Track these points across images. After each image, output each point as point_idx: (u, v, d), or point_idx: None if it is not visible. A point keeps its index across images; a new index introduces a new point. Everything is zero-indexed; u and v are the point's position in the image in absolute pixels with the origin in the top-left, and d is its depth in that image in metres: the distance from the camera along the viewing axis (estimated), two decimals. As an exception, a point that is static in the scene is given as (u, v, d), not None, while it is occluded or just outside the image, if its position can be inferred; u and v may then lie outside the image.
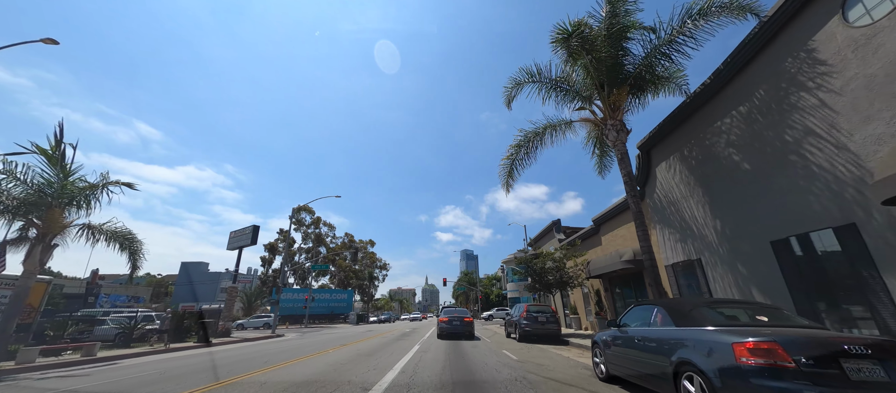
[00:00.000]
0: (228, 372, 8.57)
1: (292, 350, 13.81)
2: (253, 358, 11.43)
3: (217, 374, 8.38)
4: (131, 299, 50.69)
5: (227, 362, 10.49)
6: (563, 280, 17.57)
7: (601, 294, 17.74)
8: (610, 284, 16.91)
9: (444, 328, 18.31)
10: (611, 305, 16.78)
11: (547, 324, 15.16)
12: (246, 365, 9.71)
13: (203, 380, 7.59)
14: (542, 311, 15.56)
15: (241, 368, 9.26)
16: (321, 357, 11.07)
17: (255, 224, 28.38)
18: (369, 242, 74.08)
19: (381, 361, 9.88)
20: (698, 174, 10.62)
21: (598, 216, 17.25)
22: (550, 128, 12.90)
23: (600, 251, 17.57)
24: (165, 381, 7.63)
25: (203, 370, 9.16)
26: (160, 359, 12.32)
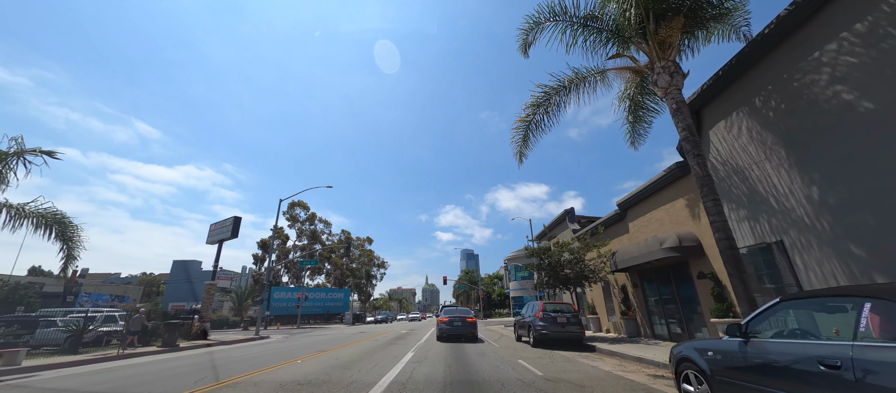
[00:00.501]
0: (147, 391, 6.06)
1: (260, 357, 11.28)
2: (201, 369, 8.91)
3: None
4: (116, 299, 48.23)
5: (161, 376, 7.96)
6: (583, 274, 15.00)
7: (628, 290, 15.15)
8: (639, 278, 14.32)
9: (444, 329, 15.93)
10: (641, 304, 14.18)
11: (568, 326, 12.59)
12: (179, 381, 7.19)
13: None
14: (562, 310, 12.99)
15: (170, 385, 6.74)
16: (286, 369, 8.52)
17: (236, 215, 25.88)
18: (367, 239, 71.52)
19: (359, 377, 7.33)
20: (780, 130, 8.04)
21: (626, 199, 14.66)
22: (578, 80, 10.27)
23: (627, 240, 14.98)
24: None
25: (117, 387, 6.63)
26: (93, 370, 9.79)
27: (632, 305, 14.85)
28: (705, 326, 10.71)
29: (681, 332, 11.99)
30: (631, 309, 14.77)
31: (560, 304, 13.42)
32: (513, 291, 62.45)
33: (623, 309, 15.15)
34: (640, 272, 14.27)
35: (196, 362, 10.54)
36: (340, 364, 9.17)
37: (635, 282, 14.58)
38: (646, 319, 13.93)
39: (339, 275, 63.32)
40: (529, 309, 14.51)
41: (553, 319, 12.68)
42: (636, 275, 14.47)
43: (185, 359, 11.65)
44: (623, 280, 15.51)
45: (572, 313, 12.90)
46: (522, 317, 15.22)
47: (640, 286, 14.26)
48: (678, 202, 11.82)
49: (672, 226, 12.03)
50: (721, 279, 10.05)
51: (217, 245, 26.00)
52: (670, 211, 12.18)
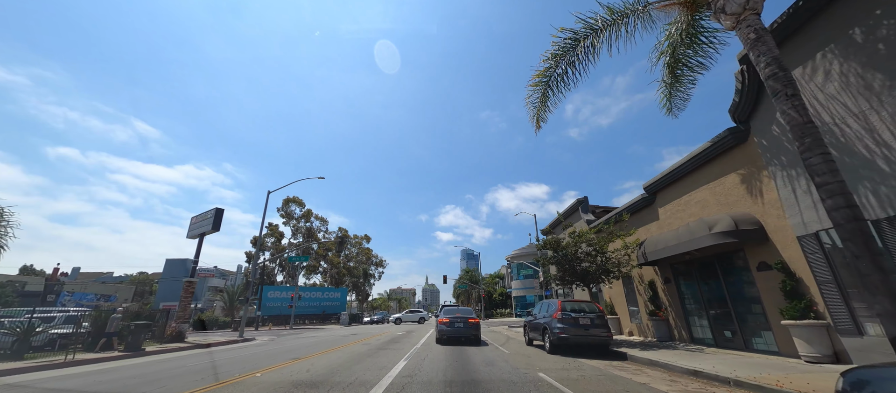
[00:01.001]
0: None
1: (220, 366, 9.23)
2: (127, 383, 6.82)
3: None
4: (102, 298, 46.21)
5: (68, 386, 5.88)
6: (605, 268, 12.90)
7: (658, 287, 13.05)
8: (673, 272, 12.21)
9: (444, 331, 14.13)
10: (676, 302, 12.07)
11: (592, 329, 10.50)
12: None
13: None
14: (585, 310, 10.90)
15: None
16: (235, 386, 6.44)
17: (217, 207, 23.79)
18: (365, 237, 69.43)
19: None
20: (892, 70, 5.96)
21: (656, 180, 12.55)
22: (616, 19, 8.09)
23: (656, 228, 12.89)
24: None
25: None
26: (22, 380, 7.70)
27: (662, 304, 12.75)
28: (770, 329, 8.61)
29: (731, 336, 9.88)
30: (661, 308, 12.67)
31: (582, 302, 11.32)
32: (515, 290, 60.37)
33: (651, 308, 13.05)
34: (674, 265, 12.16)
35: (133, 374, 8.47)
36: (309, 380, 7.08)
37: (667, 277, 12.47)
38: (681, 320, 11.82)
39: (336, 274, 61.22)
40: (544, 308, 12.43)
41: (574, 320, 10.58)
42: (668, 268, 12.36)
43: (129, 369, 9.58)
44: (651, 275, 13.40)
45: (597, 314, 10.80)
46: (534, 318, 13.14)
47: (674, 282, 12.15)
48: (728, 178, 9.71)
49: (720, 207, 9.92)
50: (793, 270, 7.94)
51: (198, 239, 23.92)
52: (717, 190, 10.07)
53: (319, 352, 12.21)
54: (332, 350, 12.80)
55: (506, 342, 14.90)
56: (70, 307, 37.08)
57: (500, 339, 16.71)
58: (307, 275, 62.09)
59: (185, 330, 21.04)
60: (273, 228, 57.82)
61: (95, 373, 8.89)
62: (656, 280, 13.10)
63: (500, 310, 68.47)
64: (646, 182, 13.20)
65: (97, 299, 45.53)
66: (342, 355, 11.11)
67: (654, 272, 13.25)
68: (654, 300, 13.01)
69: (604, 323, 10.67)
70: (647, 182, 13.14)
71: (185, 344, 18.22)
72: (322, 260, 60.83)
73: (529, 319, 13.78)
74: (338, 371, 8.06)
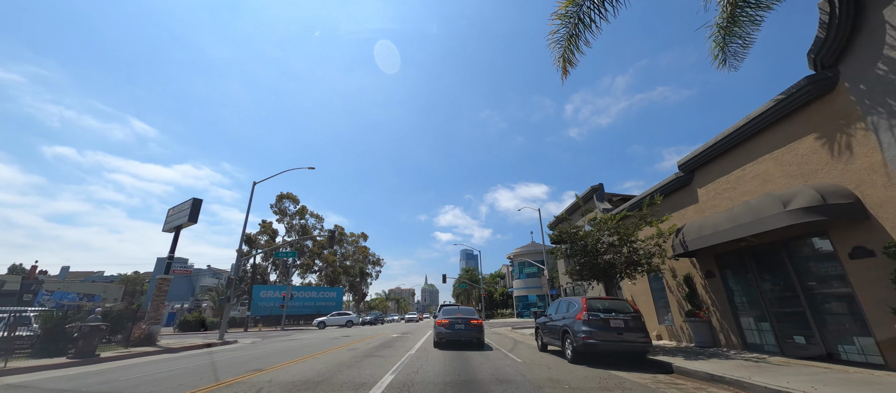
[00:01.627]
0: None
1: (169, 379, 7.17)
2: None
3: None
4: (85, 297, 44.08)
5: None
6: (633, 260, 10.87)
7: (696, 282, 11.02)
8: (718, 264, 10.17)
9: (443, 334, 12.33)
10: (723, 300, 10.01)
11: (626, 333, 8.46)
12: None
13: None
14: (617, 309, 8.86)
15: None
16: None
17: (195, 197, 21.73)
18: (361, 235, 67.35)
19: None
20: None
21: (694, 156, 10.53)
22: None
23: (695, 212, 10.88)
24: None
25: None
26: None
27: (702, 303, 10.72)
28: (870, 335, 6.57)
29: (805, 342, 7.83)
30: (701, 308, 10.63)
31: (612, 300, 9.29)
32: (516, 289, 58.35)
33: (687, 308, 11.02)
34: (720, 256, 10.11)
35: (91, 384, 6.42)
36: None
37: (709, 270, 10.42)
38: (728, 322, 9.78)
39: (332, 272, 59.14)
40: (562, 308, 10.37)
41: (603, 322, 8.54)
42: (711, 260, 10.31)
43: (81, 380, 7.52)
44: (686, 268, 11.36)
45: (632, 314, 8.76)
46: (549, 319, 11.09)
47: (719, 276, 10.10)
48: (803, 143, 7.69)
49: (789, 180, 7.90)
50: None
51: (174, 233, 21.86)
52: (786, 159, 8.04)
53: (294, 360, 10.16)
54: (310, 357, 10.77)
55: (514, 347, 12.87)
56: (46, 307, 35.03)
57: (506, 342, 14.69)
58: (302, 274, 60.05)
59: (156, 332, 18.92)
60: (266, 226, 55.74)
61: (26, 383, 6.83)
62: (694, 275, 11.06)
63: (500, 310, 66.47)
64: (681, 159, 11.17)
65: (80, 299, 43.41)
66: (318, 365, 9.08)
67: (690, 265, 11.21)
68: (691, 298, 10.98)
69: (641, 326, 8.63)
70: (682, 159, 11.11)
71: (152, 348, 16.13)
72: (317, 258, 58.77)
73: (543, 320, 11.75)
74: (302, 390, 6.02)
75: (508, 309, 64.04)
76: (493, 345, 13.65)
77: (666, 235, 10.84)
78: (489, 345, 13.55)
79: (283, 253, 27.82)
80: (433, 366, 8.72)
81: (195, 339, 23.13)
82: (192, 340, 20.98)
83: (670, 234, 10.68)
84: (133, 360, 12.36)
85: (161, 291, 20.49)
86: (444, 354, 11.00)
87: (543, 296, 52.85)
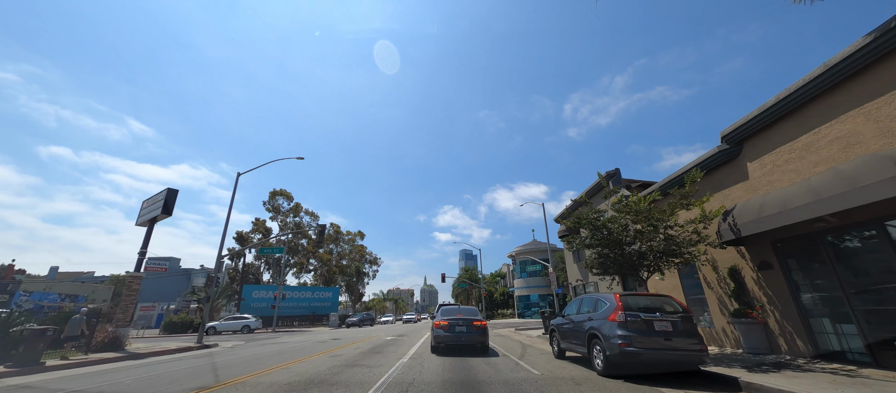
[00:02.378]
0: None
1: None
2: None
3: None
4: (67, 298, 42.06)
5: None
6: (670, 249, 9.05)
7: (746, 276, 9.20)
8: (777, 252, 8.34)
9: (442, 337, 10.67)
10: (786, 297, 8.16)
11: (676, 338, 6.64)
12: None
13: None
14: (661, 308, 7.04)
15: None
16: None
17: (170, 188, 19.85)
18: (358, 233, 65.48)
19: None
20: None
21: (745, 123, 8.72)
22: None
23: (744, 191, 9.07)
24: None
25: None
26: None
27: (755, 301, 8.89)
28: None
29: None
30: (754, 307, 8.80)
31: (655, 296, 7.47)
32: (518, 289, 56.46)
33: (734, 307, 9.20)
34: (780, 243, 8.27)
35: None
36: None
37: (765, 260, 8.60)
38: (796, 323, 7.95)
39: (327, 272, 57.23)
40: (586, 306, 8.52)
41: (646, 325, 6.71)
42: (769, 248, 8.48)
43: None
44: (732, 260, 9.53)
45: (682, 315, 6.93)
46: (569, 320, 9.24)
47: (780, 266, 8.27)
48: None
49: (886, 140, 6.09)
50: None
51: (147, 226, 19.97)
52: (881, 113, 6.22)
53: (260, 371, 8.31)
54: (283, 366, 8.93)
55: (523, 353, 11.05)
56: (24, 308, 33.10)
57: (513, 347, 12.86)
58: (297, 274, 58.17)
59: (123, 335, 16.99)
60: (259, 223, 53.86)
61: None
62: (743, 266, 9.23)
63: (501, 310, 64.64)
64: (725, 130, 9.34)
65: (62, 300, 41.39)
66: (288, 377, 7.26)
67: (738, 256, 9.38)
68: (738, 295, 9.15)
69: (693, 329, 6.82)
70: (727, 129, 9.28)
71: (113, 355, 14.24)
72: (312, 257, 56.87)
73: (559, 321, 9.89)
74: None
75: (509, 309, 62.20)
76: (499, 350, 11.84)
77: (707, 220, 9.01)
78: (494, 350, 11.75)
79: (269, 249, 25.87)
80: (429, 378, 6.91)
81: (173, 342, 21.28)
82: (167, 344, 19.11)
83: (715, 216, 8.84)
84: (81, 370, 10.48)
85: (131, 289, 18.60)
86: (442, 362, 9.18)
87: (545, 295, 51.00)
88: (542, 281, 51.06)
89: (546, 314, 18.50)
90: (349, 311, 61.14)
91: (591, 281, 19.20)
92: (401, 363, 9.11)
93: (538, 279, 51.73)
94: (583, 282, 20.25)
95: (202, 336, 19.89)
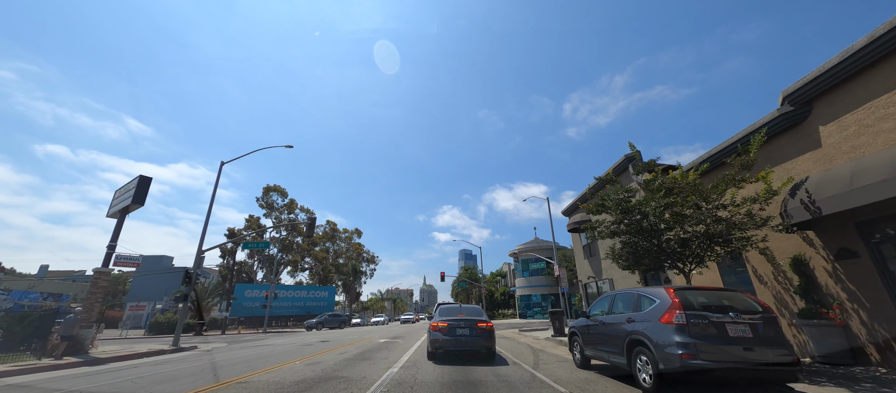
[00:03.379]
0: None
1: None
2: None
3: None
4: (50, 297, 40.28)
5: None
6: (721, 234, 7.31)
7: (814, 265, 7.47)
8: (864, 235, 6.60)
9: (440, 342, 9.05)
10: (878, 291, 6.43)
11: (758, 347, 4.90)
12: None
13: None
14: (734, 307, 5.30)
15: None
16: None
17: (142, 175, 18.09)
18: (355, 231, 63.74)
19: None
20: None
21: (816, 77, 7.00)
22: None
23: (814, 162, 7.35)
24: None
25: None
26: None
27: (831, 298, 7.15)
28: None
29: None
30: (831, 305, 7.06)
31: (722, 291, 5.74)
32: (519, 288, 54.63)
33: (802, 306, 7.47)
34: (867, 224, 6.53)
35: None
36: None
37: (846, 247, 6.85)
38: (889, 325, 6.23)
39: (322, 270, 55.46)
40: (623, 304, 6.77)
41: (717, 328, 4.97)
42: (852, 230, 6.72)
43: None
44: (794, 247, 7.79)
45: (763, 315, 5.19)
46: (597, 321, 7.47)
47: (870, 254, 6.53)
48: None
49: None
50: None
51: (118, 218, 18.21)
52: None
53: (211, 385, 6.56)
54: (245, 377, 7.20)
55: (536, 360, 9.31)
56: (2, 308, 31.31)
57: (524, 352, 11.11)
58: (293, 272, 56.39)
59: (86, 337, 15.19)
60: (253, 221, 52.05)
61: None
62: (811, 255, 7.49)
63: (502, 310, 62.86)
64: (788, 88, 7.61)
65: (44, 299, 39.63)
66: (261, 384, 5.52)
67: (804, 243, 7.64)
68: (806, 291, 7.41)
69: (779, 335, 5.08)
70: (790, 88, 7.55)
71: (67, 361, 12.42)
72: (307, 256, 55.09)
73: (584, 323, 8.13)
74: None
75: (510, 309, 60.46)
76: (507, 356, 10.12)
77: (770, 197, 7.22)
78: (502, 356, 10.03)
79: (254, 244, 24.11)
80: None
81: (149, 344, 19.54)
82: (138, 347, 17.38)
83: (782, 191, 7.10)
84: (14, 379, 8.69)
85: (97, 287, 16.75)
86: (440, 372, 7.46)
87: (547, 295, 49.18)
88: (544, 280, 49.29)
89: (556, 314, 16.78)
90: (346, 311, 59.44)
91: (605, 278, 17.48)
92: (390, 374, 7.38)
93: (541, 278, 49.94)
94: (595, 279, 18.51)
95: (178, 339, 18.13)
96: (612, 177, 9.75)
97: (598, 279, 18.25)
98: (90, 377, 8.16)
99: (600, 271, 17.86)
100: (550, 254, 44.26)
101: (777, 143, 8.13)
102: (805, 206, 6.60)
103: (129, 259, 18.57)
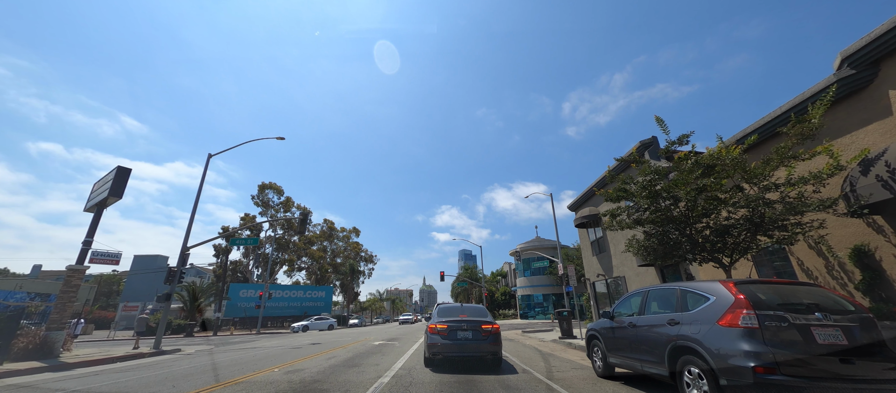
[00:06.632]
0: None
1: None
2: None
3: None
4: (37, 297, 39.04)
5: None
6: (771, 220, 6.16)
7: (881, 256, 6.31)
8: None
9: (439, 346, 7.90)
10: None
11: (856, 358, 3.71)
12: None
13: None
14: (819, 305, 4.12)
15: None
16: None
17: (120, 166, 16.90)
18: (353, 230, 62.52)
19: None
20: None
21: (889, 29, 5.84)
22: None
23: (881, 132, 6.17)
24: None
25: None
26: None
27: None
28: None
29: None
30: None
31: (798, 285, 4.57)
32: (520, 288, 53.42)
33: (868, 306, 6.29)
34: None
35: None
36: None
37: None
38: None
39: (319, 270, 54.25)
40: (660, 303, 5.60)
41: (801, 333, 3.80)
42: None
43: None
44: (854, 236, 6.62)
45: (859, 317, 4.02)
46: (624, 323, 6.31)
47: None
48: None
49: None
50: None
51: (95, 212, 17.03)
52: None
53: (209, 387, 5.37)
54: (216, 387, 6.03)
55: (549, 368, 8.14)
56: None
57: (533, 358, 9.92)
58: (289, 272, 55.20)
59: (57, 339, 14.04)
60: (248, 219, 50.86)
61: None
62: (879, 245, 6.33)
63: (503, 310, 61.64)
64: (848, 48, 6.45)
65: (31, 298, 38.36)
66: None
67: (870, 230, 6.47)
68: (871, 287, 6.25)
69: (880, 342, 3.91)
70: (851, 47, 6.39)
71: (27, 366, 11.26)
72: (304, 255, 53.89)
73: (607, 325, 6.95)
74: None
75: (511, 309, 59.25)
76: (515, 362, 8.96)
77: (822, 179, 6.05)
78: (509, 362, 8.87)
79: (242, 240, 22.97)
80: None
81: (128, 347, 18.32)
82: (116, 351, 16.19)
83: (852, 165, 5.93)
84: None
85: (70, 285, 15.55)
86: (438, 382, 6.30)
87: (549, 295, 47.94)
88: (547, 279, 48.06)
89: (564, 315, 15.60)
90: (344, 311, 58.23)
91: (615, 276, 16.30)
92: (380, 384, 6.21)
93: (543, 277, 48.71)
94: (605, 276, 17.32)
95: (159, 341, 16.93)
96: (636, 157, 8.53)
97: (608, 277, 17.06)
98: (34, 389, 6.95)
99: (611, 268, 16.68)
100: (553, 252, 43.06)
101: (833, 114, 6.95)
102: (884, 183, 5.42)
103: (108, 256, 17.33)
